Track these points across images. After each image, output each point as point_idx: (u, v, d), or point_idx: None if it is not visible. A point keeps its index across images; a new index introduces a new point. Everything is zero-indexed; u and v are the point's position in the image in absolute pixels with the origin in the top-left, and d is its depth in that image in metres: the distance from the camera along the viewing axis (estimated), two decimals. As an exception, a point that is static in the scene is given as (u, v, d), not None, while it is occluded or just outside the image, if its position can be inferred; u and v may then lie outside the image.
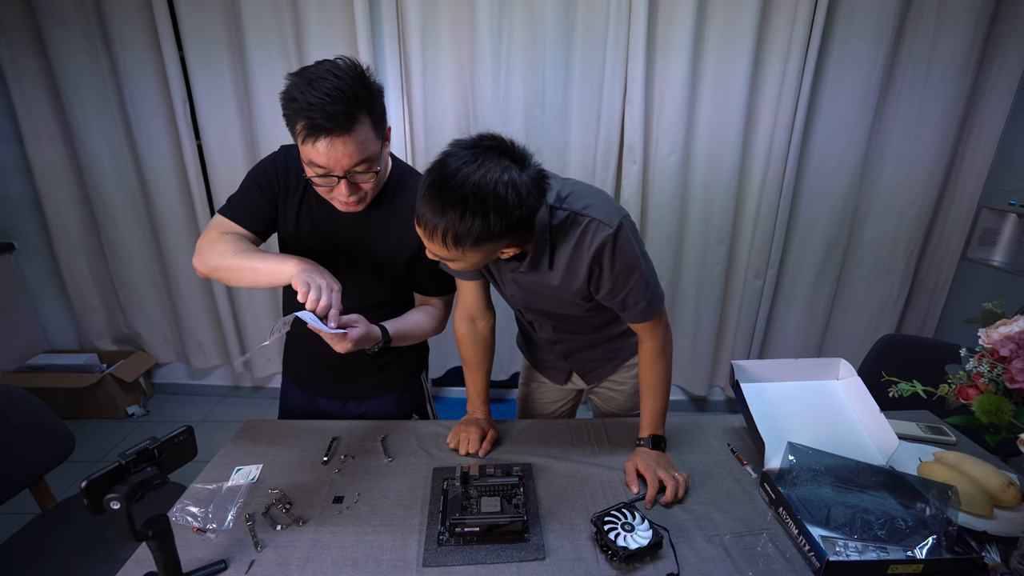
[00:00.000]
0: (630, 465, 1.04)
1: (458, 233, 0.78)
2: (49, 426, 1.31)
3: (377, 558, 0.84)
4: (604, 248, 0.90)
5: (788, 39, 1.99)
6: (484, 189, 0.75)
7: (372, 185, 0.99)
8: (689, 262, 2.37)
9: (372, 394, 1.28)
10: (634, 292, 0.96)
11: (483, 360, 1.21)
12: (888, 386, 0.89)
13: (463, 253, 0.82)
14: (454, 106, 2.16)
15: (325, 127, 0.85)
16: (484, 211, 0.76)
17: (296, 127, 0.88)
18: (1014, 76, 2.02)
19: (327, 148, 0.88)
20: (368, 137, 0.91)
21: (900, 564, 0.79)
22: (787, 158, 2.14)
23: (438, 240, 0.80)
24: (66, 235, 2.48)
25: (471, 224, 0.77)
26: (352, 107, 0.87)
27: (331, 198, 0.99)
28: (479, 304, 1.16)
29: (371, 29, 2.03)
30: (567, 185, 0.95)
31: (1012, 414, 0.77)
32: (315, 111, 0.84)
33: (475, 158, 0.77)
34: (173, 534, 0.76)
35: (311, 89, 0.85)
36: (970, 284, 2.24)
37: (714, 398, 2.73)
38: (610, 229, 0.89)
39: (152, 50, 2.13)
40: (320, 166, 0.90)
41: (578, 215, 0.91)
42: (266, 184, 1.07)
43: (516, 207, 0.78)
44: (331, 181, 0.93)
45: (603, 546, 0.85)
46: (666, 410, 1.09)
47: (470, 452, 1.10)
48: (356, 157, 0.91)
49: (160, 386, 2.85)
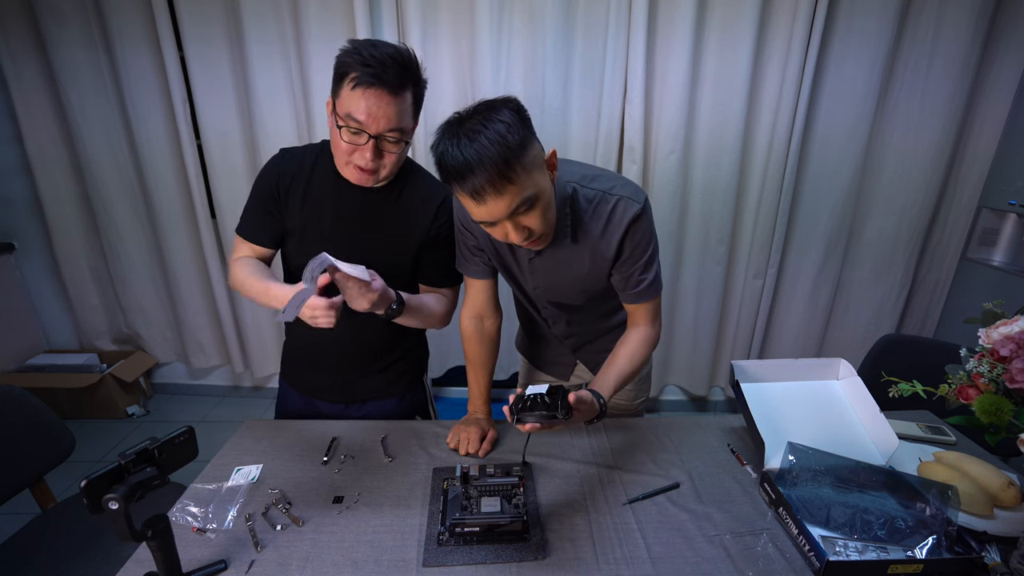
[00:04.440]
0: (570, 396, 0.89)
1: (499, 144, 0.77)
2: (49, 426, 1.31)
3: (377, 558, 0.84)
4: (635, 221, 0.96)
5: (788, 39, 1.99)
6: (483, 115, 0.80)
7: (394, 159, 1.00)
8: (689, 262, 2.37)
9: (374, 396, 1.28)
10: (646, 266, 1.01)
11: (488, 359, 1.22)
12: (888, 386, 0.89)
13: (522, 173, 0.81)
14: (454, 106, 2.14)
15: (380, 78, 0.89)
16: (499, 118, 0.79)
17: (347, 77, 0.91)
18: (1014, 76, 2.02)
19: (374, 101, 0.90)
20: (408, 109, 0.96)
21: (900, 564, 0.79)
22: (787, 158, 2.14)
23: (495, 173, 0.78)
24: (66, 235, 2.48)
25: (497, 129, 0.78)
26: (406, 73, 0.92)
27: (349, 162, 0.98)
28: (487, 303, 1.17)
29: (371, 29, 2.03)
30: (591, 169, 1.00)
31: (1012, 414, 0.77)
32: (375, 62, 0.89)
33: (459, 115, 0.83)
34: (173, 534, 0.76)
35: (373, 48, 0.90)
36: (970, 284, 2.24)
37: (714, 398, 2.73)
38: (638, 205, 0.96)
39: (152, 50, 2.13)
40: (357, 120, 0.92)
41: (607, 194, 0.97)
42: (265, 193, 1.09)
43: (516, 111, 0.82)
44: (359, 140, 0.95)
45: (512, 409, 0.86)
46: (622, 383, 1.03)
47: (470, 452, 1.10)
48: (394, 122, 0.94)
49: (160, 386, 2.85)
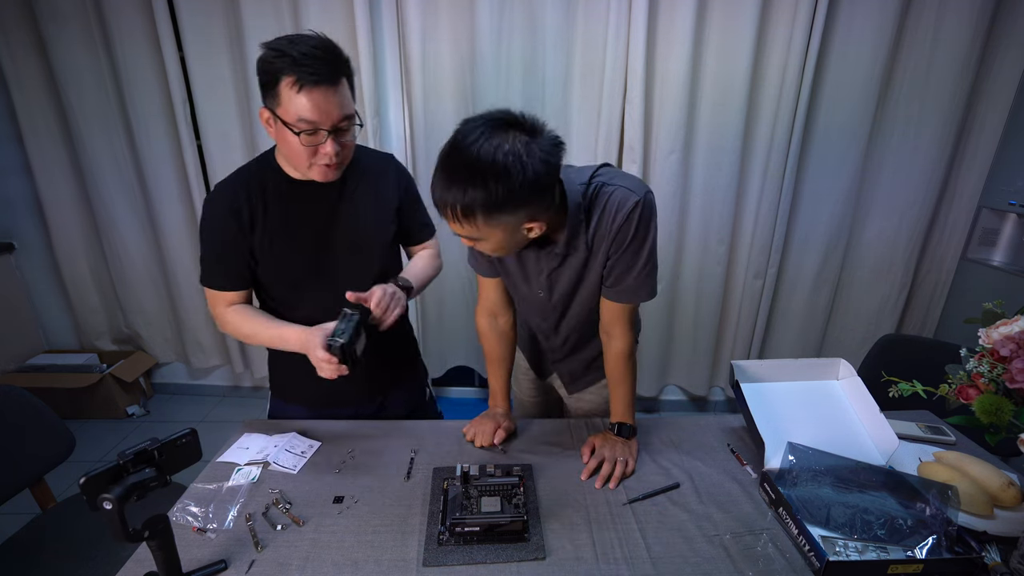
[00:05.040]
0: (592, 439, 1.10)
1: (464, 205, 0.80)
2: (49, 426, 1.31)
3: (377, 558, 0.84)
4: (632, 212, 0.92)
5: (788, 40, 1.99)
6: (483, 159, 0.77)
7: (351, 145, 1.02)
8: (689, 262, 2.37)
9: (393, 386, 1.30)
10: (642, 264, 0.98)
11: (505, 355, 1.22)
12: (888, 386, 0.89)
13: (478, 228, 0.83)
14: (454, 106, 2.16)
15: (319, 74, 0.89)
16: (483, 180, 0.77)
17: (282, 83, 0.89)
18: (1014, 76, 2.02)
19: (320, 98, 0.90)
20: (348, 93, 0.96)
21: (900, 564, 0.79)
22: (787, 158, 2.14)
23: (450, 215, 0.83)
24: (66, 235, 2.48)
25: (474, 194, 0.78)
26: (338, 60, 0.92)
27: (310, 165, 0.99)
28: (500, 300, 1.17)
29: (371, 29, 2.03)
30: (603, 171, 0.98)
31: (1012, 414, 0.77)
32: (307, 60, 0.88)
33: (483, 132, 0.78)
34: (173, 534, 0.76)
35: (296, 45, 0.89)
36: (970, 284, 2.24)
37: (714, 398, 2.73)
38: (637, 196, 0.92)
39: (152, 50, 2.13)
40: (309, 121, 0.92)
41: (605, 185, 0.94)
42: (226, 236, 1.04)
43: (518, 173, 0.78)
44: (318, 139, 0.94)
45: None
46: (634, 401, 1.13)
47: (484, 445, 1.11)
48: (344, 110, 0.94)
49: (160, 386, 2.85)
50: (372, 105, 2.11)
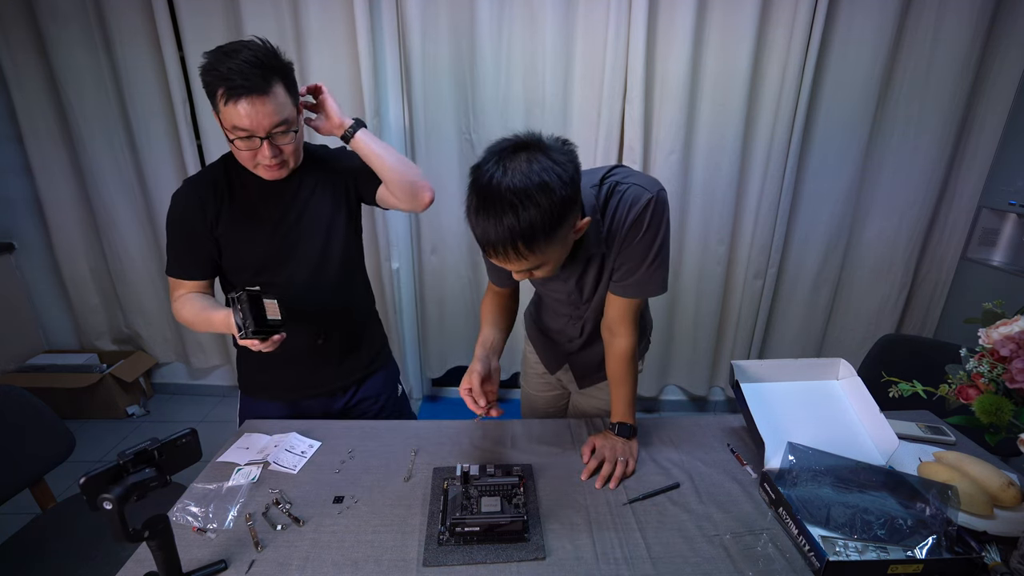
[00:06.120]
0: (592, 439, 1.10)
1: (523, 231, 0.79)
2: (49, 426, 1.31)
3: (377, 558, 0.84)
4: (646, 208, 0.93)
5: (788, 40, 1.99)
6: (518, 184, 0.77)
7: (292, 148, 1.05)
8: (689, 262, 2.37)
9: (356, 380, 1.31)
10: (652, 259, 0.98)
11: (498, 317, 1.20)
12: (888, 386, 0.89)
13: (543, 251, 0.83)
14: (454, 106, 2.16)
15: (245, 87, 0.93)
16: (530, 200, 0.78)
17: (217, 94, 0.95)
18: (1014, 76, 2.02)
19: (249, 109, 0.95)
20: (285, 101, 0.99)
21: (900, 564, 0.79)
22: (787, 158, 2.14)
23: (511, 253, 0.82)
24: (66, 235, 2.48)
25: (528, 216, 0.78)
26: (267, 72, 0.95)
27: (255, 165, 1.05)
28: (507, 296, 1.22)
29: (371, 29, 2.03)
30: (617, 171, 0.99)
31: (1012, 414, 0.77)
32: (234, 75, 0.92)
33: (500, 164, 0.79)
34: (173, 534, 0.76)
35: (228, 59, 0.93)
36: (970, 284, 2.24)
37: (714, 398, 2.73)
38: (650, 193, 0.93)
39: (152, 50, 2.12)
40: (243, 129, 0.97)
41: (619, 183, 0.96)
42: (191, 229, 1.12)
43: (555, 180, 0.79)
44: (254, 144, 1.00)
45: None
46: (635, 401, 1.13)
47: (480, 404, 1.05)
48: (275, 117, 0.98)
49: (160, 386, 2.85)
50: (372, 105, 2.11)
